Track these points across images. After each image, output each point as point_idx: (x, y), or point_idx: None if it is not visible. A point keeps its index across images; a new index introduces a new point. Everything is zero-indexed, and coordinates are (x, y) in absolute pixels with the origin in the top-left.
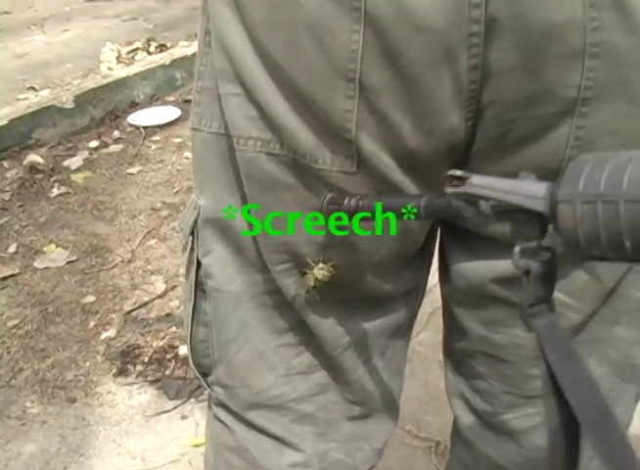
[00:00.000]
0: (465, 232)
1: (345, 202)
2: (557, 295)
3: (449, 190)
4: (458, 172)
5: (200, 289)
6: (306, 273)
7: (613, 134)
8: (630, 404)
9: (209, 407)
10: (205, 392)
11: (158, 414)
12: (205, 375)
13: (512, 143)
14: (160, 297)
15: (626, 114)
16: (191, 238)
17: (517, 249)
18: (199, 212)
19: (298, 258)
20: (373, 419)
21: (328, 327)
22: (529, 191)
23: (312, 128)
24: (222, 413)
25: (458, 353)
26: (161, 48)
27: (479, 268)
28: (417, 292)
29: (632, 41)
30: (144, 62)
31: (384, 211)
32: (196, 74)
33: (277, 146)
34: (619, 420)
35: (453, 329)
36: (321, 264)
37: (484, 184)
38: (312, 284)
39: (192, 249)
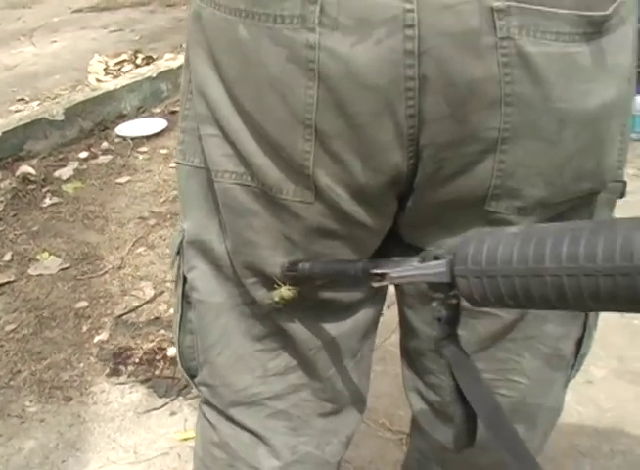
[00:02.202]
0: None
1: (300, 266)
2: None
3: (375, 285)
4: (379, 271)
5: (186, 301)
6: (274, 288)
7: (528, 167)
8: (561, 390)
9: (199, 407)
10: (193, 390)
11: (148, 411)
12: (192, 377)
13: (446, 176)
14: (148, 302)
15: (537, 150)
16: (177, 257)
17: (434, 304)
18: (183, 235)
19: (266, 276)
20: (342, 415)
21: (300, 331)
22: (434, 270)
23: (277, 165)
24: (208, 411)
25: (411, 352)
26: (148, 60)
27: None
28: (383, 293)
29: (537, 91)
30: (131, 74)
31: (329, 275)
32: (180, 117)
33: (248, 178)
34: (553, 404)
35: (406, 330)
36: (287, 286)
37: (400, 275)
38: (277, 300)
39: (179, 266)
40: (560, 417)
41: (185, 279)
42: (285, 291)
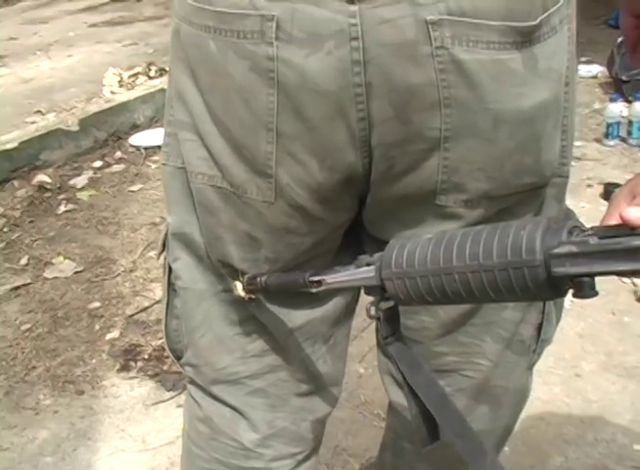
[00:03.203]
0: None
1: (258, 280)
2: None
3: (313, 290)
4: (316, 278)
5: (172, 288)
6: (235, 284)
7: (469, 162)
8: (524, 372)
9: (187, 386)
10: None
11: (156, 403)
12: (178, 358)
13: (397, 173)
14: (158, 302)
15: (476, 147)
16: (163, 248)
17: (368, 306)
18: (168, 228)
19: (235, 269)
20: (317, 395)
21: (271, 318)
22: (365, 275)
23: (243, 167)
24: (193, 389)
25: None
26: (161, 72)
27: None
28: None
29: (472, 94)
30: (144, 86)
31: (283, 286)
32: (165, 122)
33: (219, 180)
34: (516, 386)
35: None
36: (242, 288)
37: (335, 280)
38: (238, 293)
39: (165, 257)
40: (548, 409)
41: (170, 269)
42: (239, 291)
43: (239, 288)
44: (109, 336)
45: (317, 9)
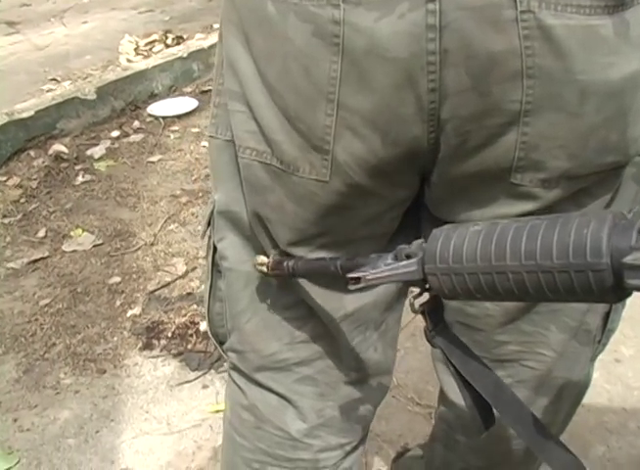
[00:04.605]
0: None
1: (285, 264)
2: None
3: (352, 288)
4: (355, 275)
5: (216, 269)
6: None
7: (550, 139)
8: (587, 364)
9: (228, 373)
10: (225, 364)
11: (181, 384)
12: (221, 343)
13: (470, 149)
14: (181, 277)
15: (560, 122)
16: (208, 227)
17: (410, 299)
18: (214, 206)
19: (280, 249)
20: (368, 384)
21: (321, 303)
22: (407, 269)
23: (297, 142)
24: (236, 376)
25: None
26: (178, 40)
27: None
28: None
29: (559, 64)
30: (162, 54)
31: (312, 273)
32: (214, 91)
33: (268, 156)
34: (579, 377)
35: None
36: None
37: (375, 276)
38: (259, 268)
39: (209, 236)
40: (588, 395)
41: (215, 248)
42: (261, 266)
43: (259, 261)
44: (130, 312)
45: None
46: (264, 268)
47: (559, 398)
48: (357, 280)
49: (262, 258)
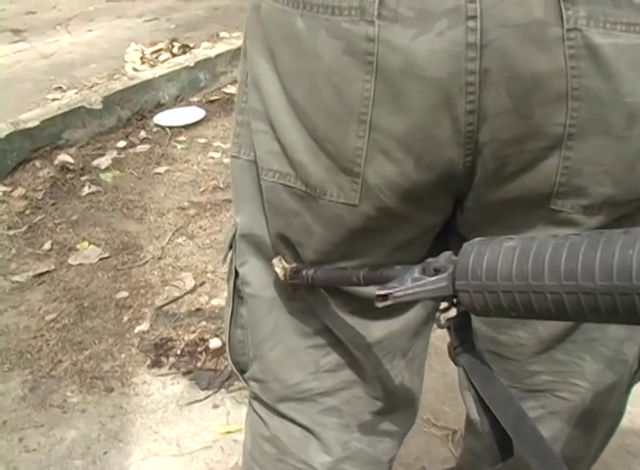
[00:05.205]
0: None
1: (304, 273)
2: None
3: (379, 305)
4: (382, 292)
5: (238, 295)
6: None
7: (595, 164)
8: (622, 395)
9: (249, 401)
10: (235, 383)
11: (190, 403)
12: (242, 372)
13: (509, 174)
14: (189, 292)
15: (605, 146)
16: (229, 251)
17: (437, 315)
18: (236, 229)
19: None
20: (394, 414)
21: (348, 331)
22: (436, 285)
23: (324, 164)
24: (257, 406)
25: None
26: (184, 49)
27: None
28: None
29: (607, 85)
30: (169, 63)
31: (332, 283)
32: (236, 109)
33: (292, 179)
34: (614, 409)
35: None
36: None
37: (404, 293)
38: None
39: (231, 260)
40: None
41: (237, 273)
42: (279, 273)
43: (277, 268)
44: (138, 328)
45: None
46: (282, 275)
47: (592, 430)
48: (385, 297)
49: (282, 262)
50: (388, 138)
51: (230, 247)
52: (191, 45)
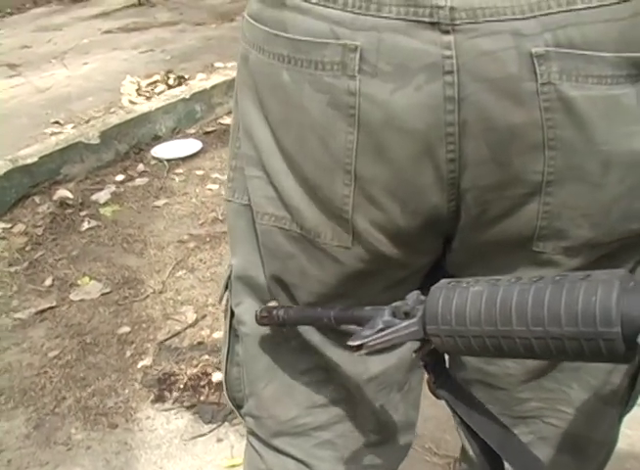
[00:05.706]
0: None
1: (274, 312)
2: None
3: (356, 354)
4: (355, 343)
5: (234, 334)
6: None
7: (573, 208)
8: (614, 424)
9: (247, 437)
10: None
11: (194, 438)
12: (238, 407)
13: (492, 218)
14: (191, 326)
15: (582, 192)
16: (225, 291)
17: (413, 355)
18: (231, 270)
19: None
20: (389, 445)
21: (345, 367)
22: (408, 330)
23: (317, 209)
24: (254, 440)
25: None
26: (180, 80)
27: None
28: None
29: (581, 135)
30: (165, 96)
31: (303, 323)
32: (230, 154)
33: (287, 222)
34: (604, 437)
35: (454, 362)
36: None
37: (377, 342)
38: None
39: (227, 300)
40: None
41: (233, 313)
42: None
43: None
44: (140, 364)
45: (406, 39)
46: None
47: (585, 457)
48: (359, 348)
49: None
50: (374, 187)
51: (226, 287)
52: (186, 76)
